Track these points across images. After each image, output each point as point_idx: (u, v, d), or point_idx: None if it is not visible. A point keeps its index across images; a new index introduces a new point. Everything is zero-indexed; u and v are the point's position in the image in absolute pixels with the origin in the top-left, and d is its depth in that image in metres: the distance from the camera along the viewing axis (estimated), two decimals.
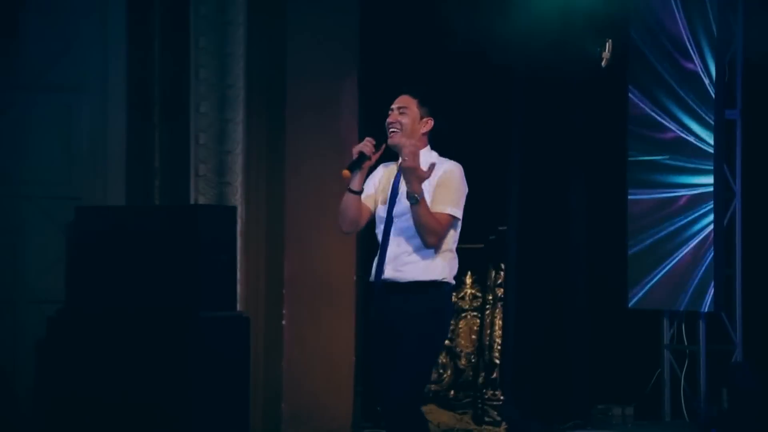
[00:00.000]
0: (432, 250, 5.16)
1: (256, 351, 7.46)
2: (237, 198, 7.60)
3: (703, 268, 8.25)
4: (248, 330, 7.08)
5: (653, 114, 8.55)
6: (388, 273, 5.20)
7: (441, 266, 5.19)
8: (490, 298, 8.45)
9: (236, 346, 6.94)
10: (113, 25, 7.58)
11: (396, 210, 5.23)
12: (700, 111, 8.31)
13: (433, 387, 8.37)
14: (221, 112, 7.62)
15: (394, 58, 7.96)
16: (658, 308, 8.64)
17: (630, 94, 8.68)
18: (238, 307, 7.31)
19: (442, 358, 8.40)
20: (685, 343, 8.65)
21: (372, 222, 5.36)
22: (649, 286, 8.56)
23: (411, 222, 5.14)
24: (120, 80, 7.58)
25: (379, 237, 5.29)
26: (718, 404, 8.30)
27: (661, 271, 8.49)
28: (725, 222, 8.36)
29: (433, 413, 8.11)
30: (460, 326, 8.52)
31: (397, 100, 5.30)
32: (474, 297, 8.52)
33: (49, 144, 7.46)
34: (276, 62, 7.74)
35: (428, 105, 5.28)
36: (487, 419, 8.26)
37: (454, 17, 8.22)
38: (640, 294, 8.61)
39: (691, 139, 8.35)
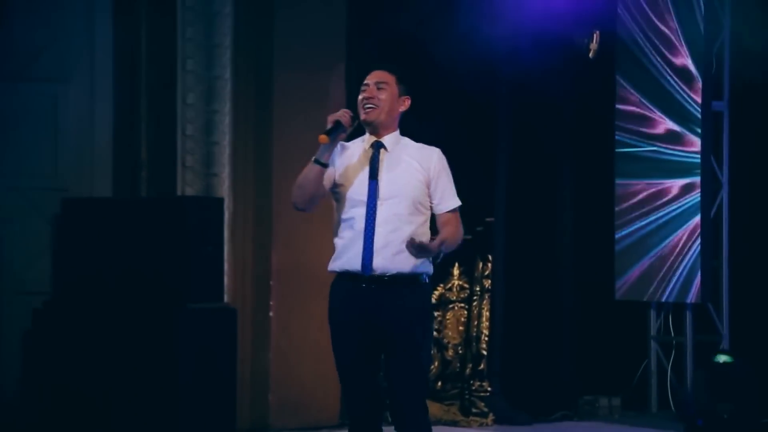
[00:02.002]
0: (421, 238, 4.84)
1: (244, 343, 7.46)
2: (224, 189, 7.59)
3: (690, 259, 8.26)
4: (235, 322, 7.07)
5: (640, 105, 8.56)
6: (379, 263, 4.83)
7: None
8: (478, 289, 8.45)
9: (223, 338, 6.93)
10: (100, 16, 7.56)
11: (382, 193, 4.87)
12: (687, 102, 8.31)
13: None
14: (208, 104, 7.60)
15: (382, 49, 7.95)
16: (645, 300, 8.65)
17: (617, 86, 8.68)
18: (225, 298, 7.30)
19: None
20: (672, 335, 8.67)
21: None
22: (636, 277, 8.57)
23: (399, 207, 4.85)
24: (106, 71, 7.56)
25: (357, 223, 4.87)
26: (704, 395, 8.32)
27: (648, 262, 8.50)
28: (712, 213, 8.37)
29: None
30: (447, 317, 8.52)
31: (372, 75, 4.97)
32: (461, 288, 8.52)
33: (36, 135, 7.44)
34: (263, 53, 7.72)
35: (406, 83, 5.00)
36: (474, 410, 8.26)
37: (441, 9, 8.21)
38: (627, 285, 8.62)
39: (679, 130, 8.35)
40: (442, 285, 8.48)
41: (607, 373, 8.71)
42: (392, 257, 4.84)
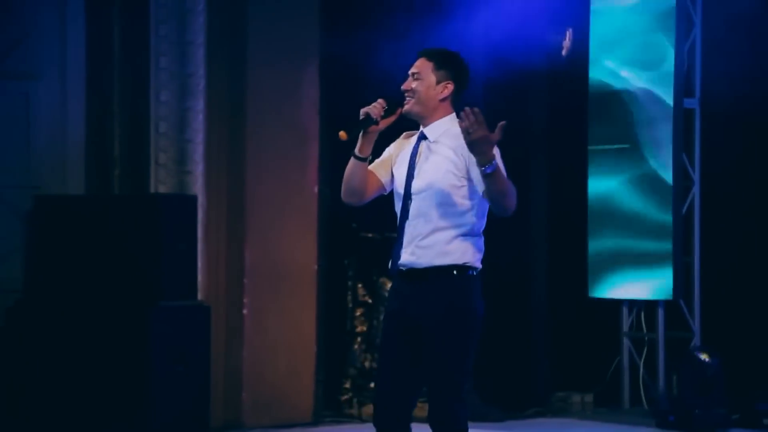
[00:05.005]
0: (451, 230, 4.72)
1: (217, 340, 7.45)
2: (197, 187, 7.58)
3: (662, 256, 8.29)
4: (209, 319, 7.07)
5: (613, 103, 8.58)
6: (405, 258, 4.74)
7: (462, 248, 4.73)
8: None
9: (197, 336, 6.93)
10: (72, 13, 7.54)
11: (415, 186, 4.77)
12: (659, 99, 8.34)
13: None
14: (181, 101, 7.59)
15: (356, 47, 7.95)
16: (617, 296, 8.67)
17: (590, 83, 8.69)
18: (199, 296, 7.29)
19: None
20: (644, 331, 8.70)
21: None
22: (608, 274, 8.60)
23: (430, 199, 4.74)
24: (79, 68, 7.54)
25: (397, 216, 4.82)
26: (674, 391, 8.38)
27: (621, 259, 8.53)
28: (684, 210, 8.41)
29: None
30: None
31: (414, 64, 4.87)
32: None
33: (7, 133, 7.41)
34: (236, 51, 7.72)
35: (446, 68, 4.86)
36: None
37: (415, 7, 8.22)
38: (600, 283, 8.64)
39: (651, 128, 8.38)
40: None
41: (580, 370, 8.74)
42: (417, 251, 4.74)
